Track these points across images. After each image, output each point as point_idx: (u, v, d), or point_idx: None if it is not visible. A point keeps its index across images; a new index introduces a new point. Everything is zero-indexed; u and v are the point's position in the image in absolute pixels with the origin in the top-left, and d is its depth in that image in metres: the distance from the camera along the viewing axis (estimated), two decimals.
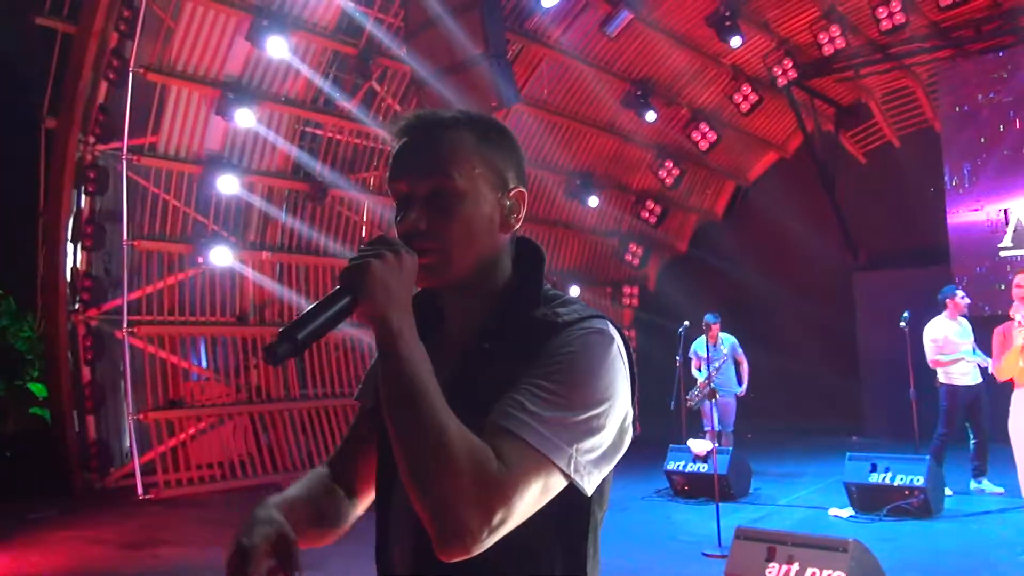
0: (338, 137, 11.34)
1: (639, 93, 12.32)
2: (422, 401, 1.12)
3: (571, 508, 1.25)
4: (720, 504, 6.54)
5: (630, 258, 14.42)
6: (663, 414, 8.80)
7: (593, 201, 13.17)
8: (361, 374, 9.72)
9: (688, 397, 8.72)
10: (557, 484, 1.18)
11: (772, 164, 15.31)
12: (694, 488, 8.10)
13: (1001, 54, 11.36)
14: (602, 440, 1.22)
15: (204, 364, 10.96)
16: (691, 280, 13.79)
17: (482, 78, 8.25)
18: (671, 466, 8.35)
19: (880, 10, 10.97)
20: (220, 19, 9.61)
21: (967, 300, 7.89)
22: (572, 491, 1.21)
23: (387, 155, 9.76)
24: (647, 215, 14.24)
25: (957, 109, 11.60)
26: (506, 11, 9.88)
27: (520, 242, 1.42)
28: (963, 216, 11.41)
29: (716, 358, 8.94)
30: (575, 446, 1.18)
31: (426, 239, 1.28)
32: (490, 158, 1.34)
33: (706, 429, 7.56)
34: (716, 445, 7.73)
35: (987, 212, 11.16)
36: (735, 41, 11.35)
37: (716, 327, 9.15)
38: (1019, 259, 10.72)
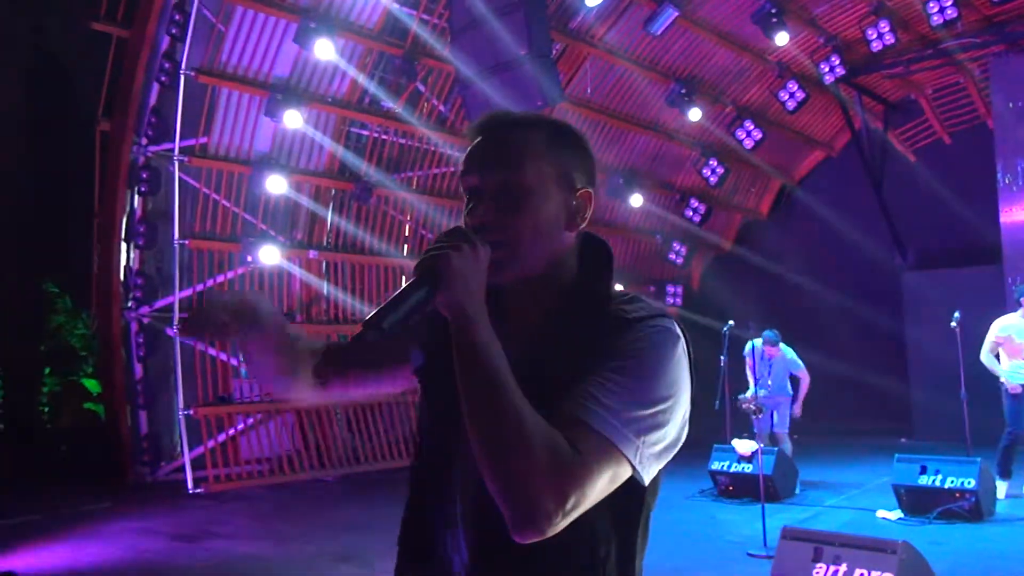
0: (383, 137, 11.47)
1: (683, 91, 12.24)
2: (501, 387, 1.16)
3: (629, 496, 1.28)
4: (765, 505, 6.49)
5: (674, 257, 14.34)
6: (707, 414, 8.74)
7: (636, 199, 13.13)
8: None
9: (739, 400, 8.60)
10: (624, 473, 1.22)
11: (819, 162, 15.12)
12: (739, 488, 8.04)
13: None
14: (666, 434, 1.26)
15: None
16: (736, 279, 13.67)
17: (526, 77, 8.28)
18: (715, 466, 8.29)
19: (931, 4, 10.74)
20: (269, 22, 9.78)
21: None
22: (631, 480, 1.25)
23: (432, 155, 9.84)
24: (691, 214, 14.15)
25: (1011, 105, 11.35)
26: (550, 10, 9.90)
27: (588, 239, 1.45)
28: (1017, 215, 11.16)
29: (765, 375, 8.80)
30: (642, 438, 1.22)
31: (494, 232, 1.31)
32: (559, 157, 1.38)
33: (755, 431, 7.48)
34: (762, 446, 7.65)
35: None
36: (781, 38, 11.22)
37: (773, 349, 8.98)
38: None
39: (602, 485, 1.19)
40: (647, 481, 1.26)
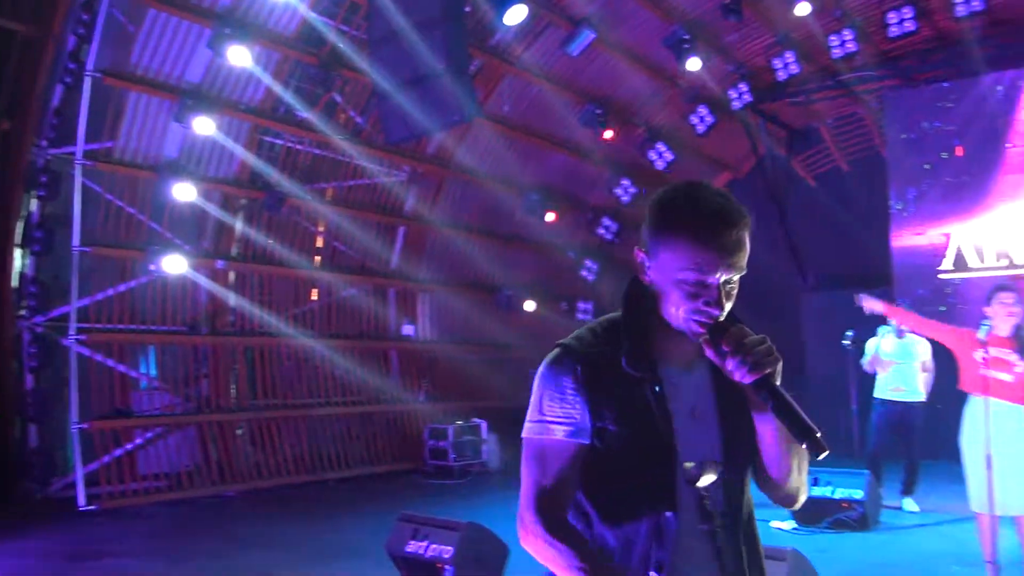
0: (298, 147, 11.32)
1: (598, 112, 12.48)
2: None
3: None
4: None
5: (586, 273, 14.56)
6: None
7: (550, 217, 13.29)
8: (313, 384, 9.62)
9: None
10: None
11: (725, 185, 15.61)
12: None
13: (946, 84, 11.78)
14: None
15: (153, 373, 10.82)
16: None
17: (444, 92, 8.32)
18: None
19: (833, 38, 11.31)
20: (182, 26, 9.55)
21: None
22: None
23: (348, 167, 9.69)
24: (603, 231, 14.40)
25: (903, 136, 11.98)
26: (470, 27, 9.97)
27: None
28: (907, 240, 11.77)
29: None
30: None
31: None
32: None
33: None
34: None
35: (929, 236, 11.53)
36: (692, 63, 11.57)
37: None
38: (959, 283, 11.10)
39: None
40: None
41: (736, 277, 1.65)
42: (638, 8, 11.36)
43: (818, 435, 1.51)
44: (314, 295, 12.25)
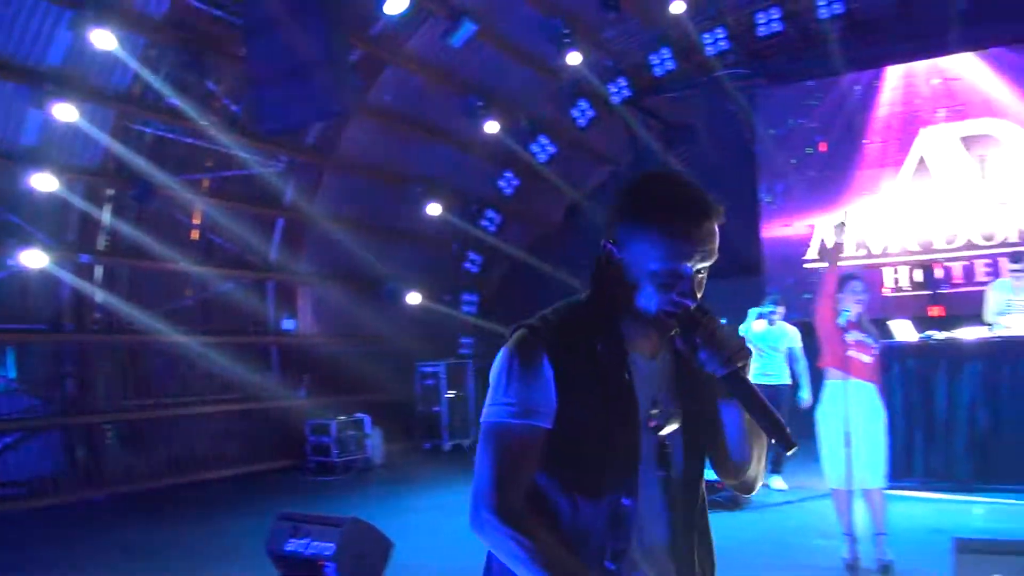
0: (169, 136, 10.85)
1: (479, 103, 12.52)
2: None
3: None
4: None
5: (469, 266, 14.60)
6: None
7: (433, 209, 13.25)
8: (189, 382, 9.29)
9: None
10: None
11: (607, 177, 15.93)
12: None
13: (810, 83, 12.41)
14: None
15: (12, 374, 10.19)
16: (529, 288, 14.11)
17: (322, 82, 8.16)
18: None
19: (707, 36, 11.76)
20: (40, 6, 8.97)
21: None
22: None
23: (224, 158, 9.35)
24: (487, 223, 14.47)
25: (772, 132, 12.56)
26: (349, 16, 9.79)
27: None
28: (776, 231, 12.35)
29: None
30: None
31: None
32: None
33: None
34: None
35: (796, 228, 12.15)
36: (573, 58, 11.76)
37: None
38: (823, 271, 11.71)
39: None
40: None
41: (708, 265, 1.67)
42: (520, 1, 11.43)
43: (787, 431, 1.53)
44: (191, 292, 11.82)
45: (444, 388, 13.35)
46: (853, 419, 5.17)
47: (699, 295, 1.64)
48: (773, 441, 1.56)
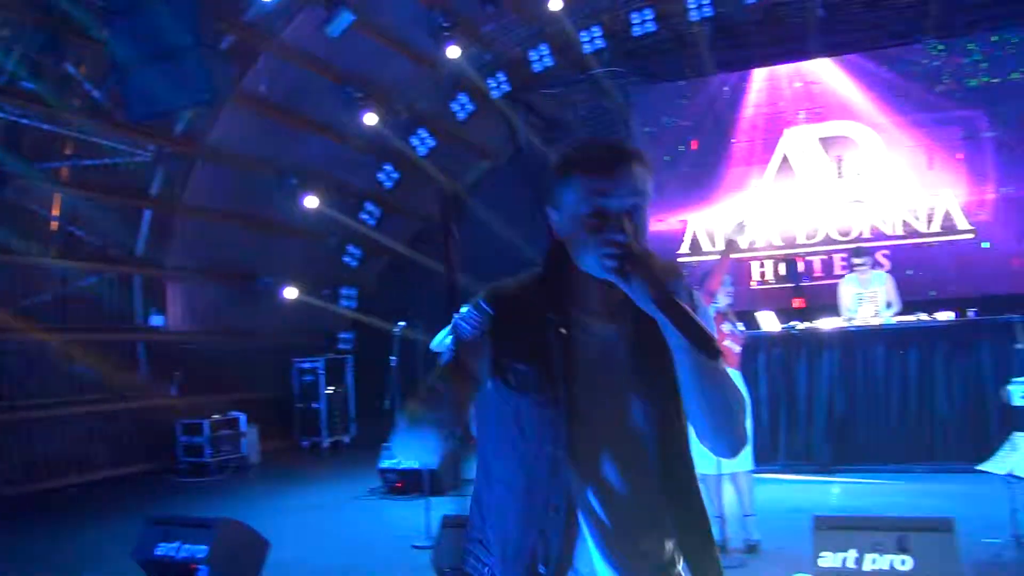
0: (23, 122, 10.19)
1: (358, 95, 12.33)
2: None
3: None
4: (432, 498, 6.78)
5: (348, 259, 14.38)
6: (378, 413, 8.89)
7: (311, 201, 12.97)
8: (47, 383, 8.79)
9: None
10: None
11: (487, 172, 16.01)
12: (407, 484, 8.28)
13: (682, 83, 12.86)
14: None
15: None
16: (409, 282, 14.04)
17: (192, 68, 7.85)
18: (385, 464, 8.47)
19: (583, 34, 11.99)
20: None
21: None
22: None
23: (85, 145, 8.94)
24: (366, 217, 14.28)
25: (646, 130, 12.93)
26: (220, 0, 9.45)
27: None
28: (650, 226, 12.70)
29: None
30: None
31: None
32: None
33: None
34: None
35: (669, 223, 12.55)
36: (452, 51, 11.75)
37: None
38: (695, 265, 12.17)
39: None
40: None
41: (643, 206, 1.69)
42: None
43: (713, 341, 1.53)
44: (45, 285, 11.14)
45: (323, 384, 13.11)
46: None
47: (635, 234, 1.63)
48: (699, 349, 1.53)
